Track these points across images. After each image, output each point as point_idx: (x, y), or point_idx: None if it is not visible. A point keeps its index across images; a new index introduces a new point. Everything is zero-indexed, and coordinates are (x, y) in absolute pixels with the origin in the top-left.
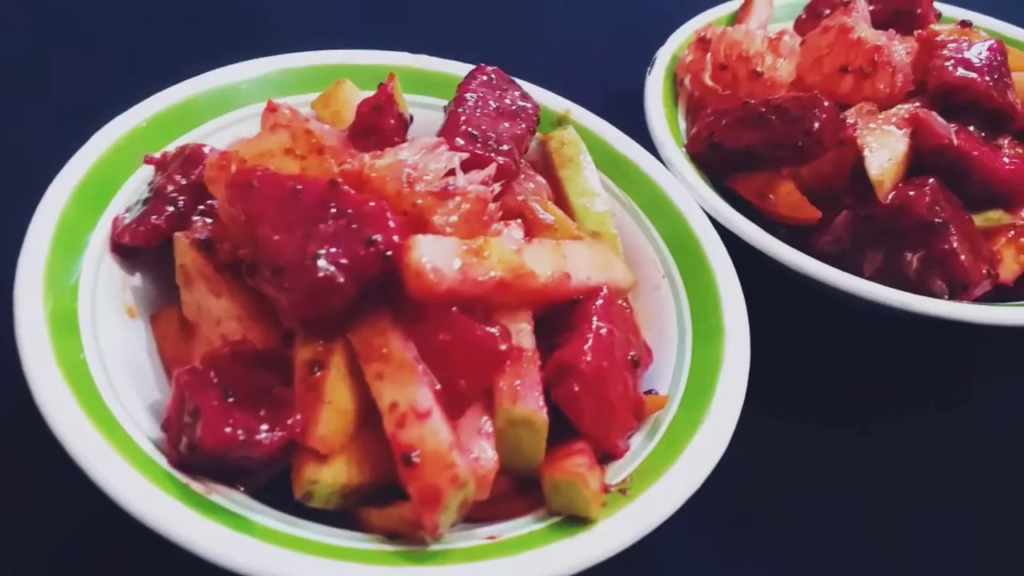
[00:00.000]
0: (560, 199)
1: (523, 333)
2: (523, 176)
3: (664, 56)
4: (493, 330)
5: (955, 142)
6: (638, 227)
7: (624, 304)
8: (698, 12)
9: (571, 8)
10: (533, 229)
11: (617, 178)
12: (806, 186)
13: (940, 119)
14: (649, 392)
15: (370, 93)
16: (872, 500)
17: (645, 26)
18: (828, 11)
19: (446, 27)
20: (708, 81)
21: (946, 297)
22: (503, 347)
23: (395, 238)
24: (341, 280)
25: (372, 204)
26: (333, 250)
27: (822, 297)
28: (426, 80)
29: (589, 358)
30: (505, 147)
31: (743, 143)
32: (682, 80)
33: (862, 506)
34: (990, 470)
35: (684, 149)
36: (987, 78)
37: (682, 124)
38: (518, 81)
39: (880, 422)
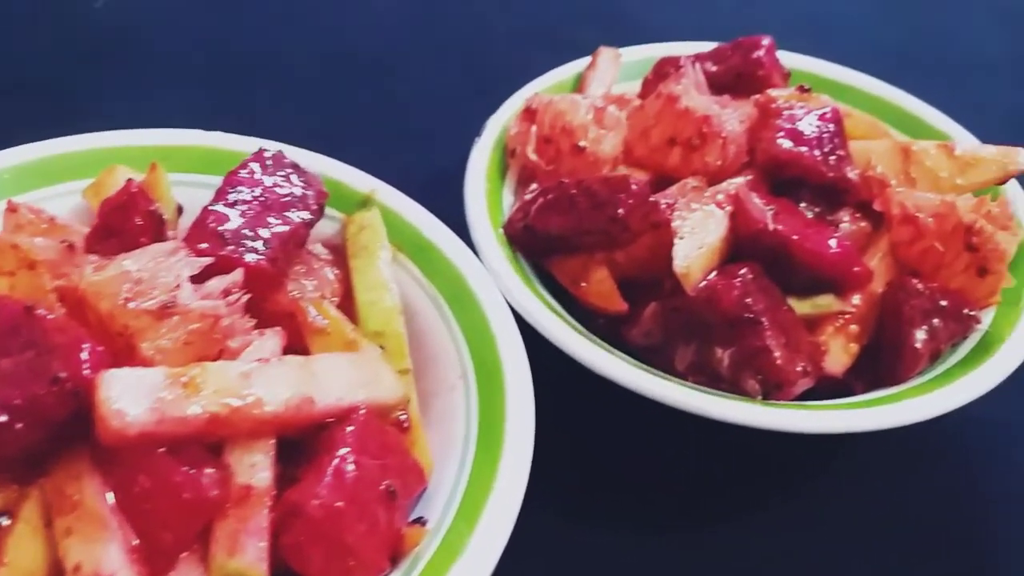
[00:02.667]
0: (349, 293)
1: (256, 468)
2: (304, 271)
3: (494, 125)
4: (203, 473)
5: (771, 227)
6: (441, 321)
7: (403, 417)
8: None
9: (420, 64)
10: (304, 335)
11: (423, 265)
12: (623, 272)
13: (757, 201)
14: (417, 520)
15: None
16: None
17: (505, 82)
18: (674, 71)
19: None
20: (532, 155)
21: (760, 397)
22: (213, 493)
23: (86, 372)
24: (18, 427)
25: (66, 333)
26: (7, 392)
27: (629, 396)
28: (209, 159)
29: (320, 499)
30: (262, 246)
31: (553, 228)
32: (512, 151)
33: None
34: None
35: (502, 230)
36: (817, 151)
37: (510, 199)
38: (319, 159)
39: (682, 529)
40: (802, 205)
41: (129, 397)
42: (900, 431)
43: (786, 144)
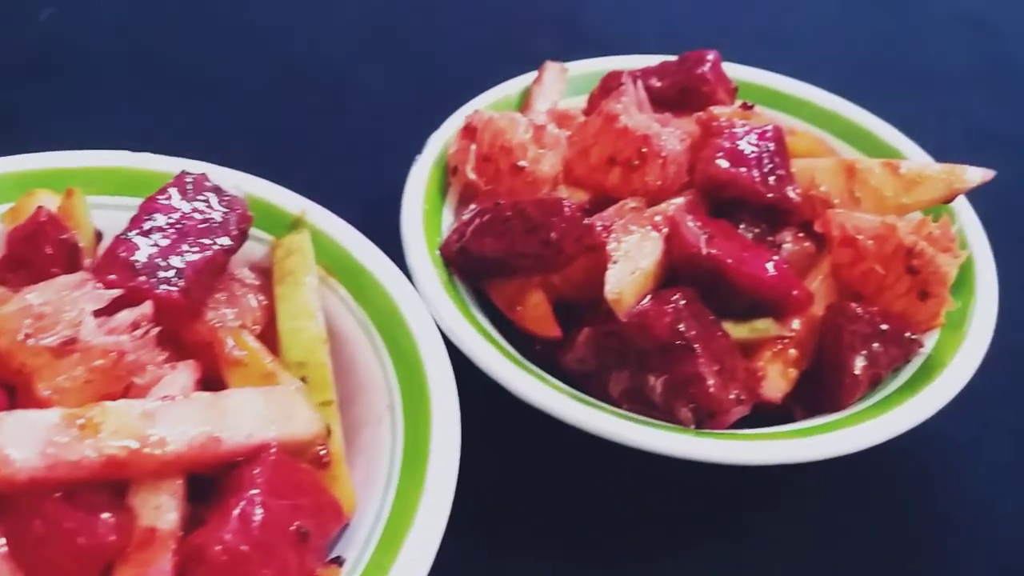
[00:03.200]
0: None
1: (161, 511)
2: (225, 298)
3: (436, 142)
4: (99, 518)
5: (704, 251)
6: (371, 350)
7: (323, 452)
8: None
9: (374, 77)
10: (222, 367)
11: (354, 290)
12: (561, 295)
13: (691, 224)
14: (335, 560)
15: None
16: None
17: (463, 96)
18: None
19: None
20: (471, 174)
21: (693, 426)
22: (111, 538)
23: None
24: None
25: None
26: None
27: (564, 424)
28: (132, 181)
29: (222, 545)
30: (175, 276)
31: (487, 251)
32: (454, 169)
33: None
34: None
35: (439, 252)
36: (756, 171)
37: (450, 219)
38: (249, 179)
39: (619, 558)
40: (742, 226)
41: (19, 442)
42: (840, 460)
43: (724, 164)
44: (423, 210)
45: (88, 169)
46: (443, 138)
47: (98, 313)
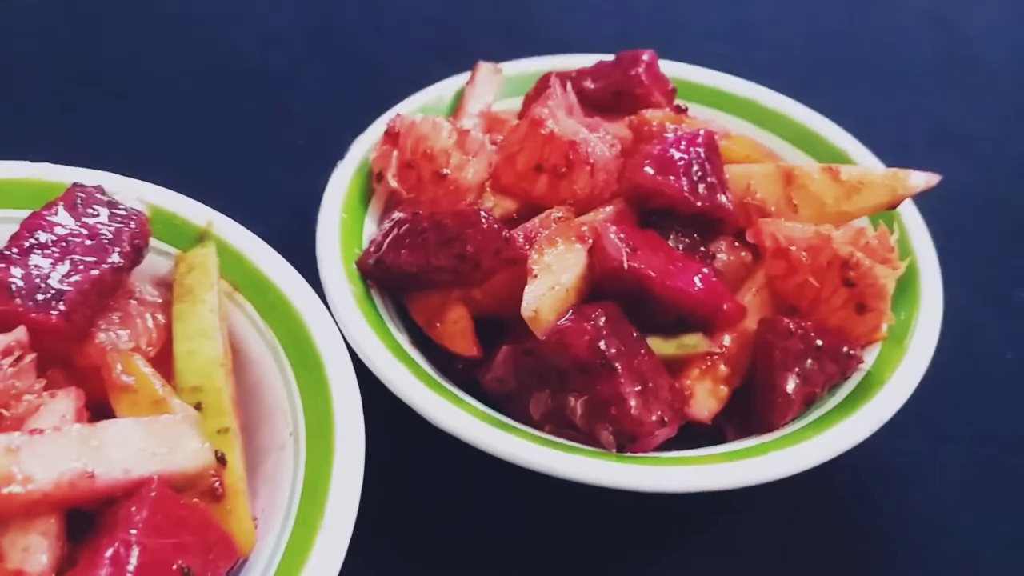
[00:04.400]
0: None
1: (30, 552)
2: (118, 318)
3: (360, 147)
4: None
5: (626, 265)
6: (278, 372)
7: (217, 484)
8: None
9: (324, 70)
10: (110, 393)
11: (261, 308)
12: (484, 311)
13: (612, 236)
14: None
15: None
16: None
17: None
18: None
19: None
20: (392, 181)
21: (614, 450)
22: None
23: None
24: None
25: None
26: None
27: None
28: (35, 193)
29: None
30: (56, 298)
31: (404, 264)
32: (378, 175)
33: None
34: None
35: (354, 265)
36: (684, 179)
37: (371, 229)
38: (154, 189)
39: None
40: (672, 237)
41: None
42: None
43: (650, 172)
44: (340, 219)
45: None
46: (368, 143)
47: None
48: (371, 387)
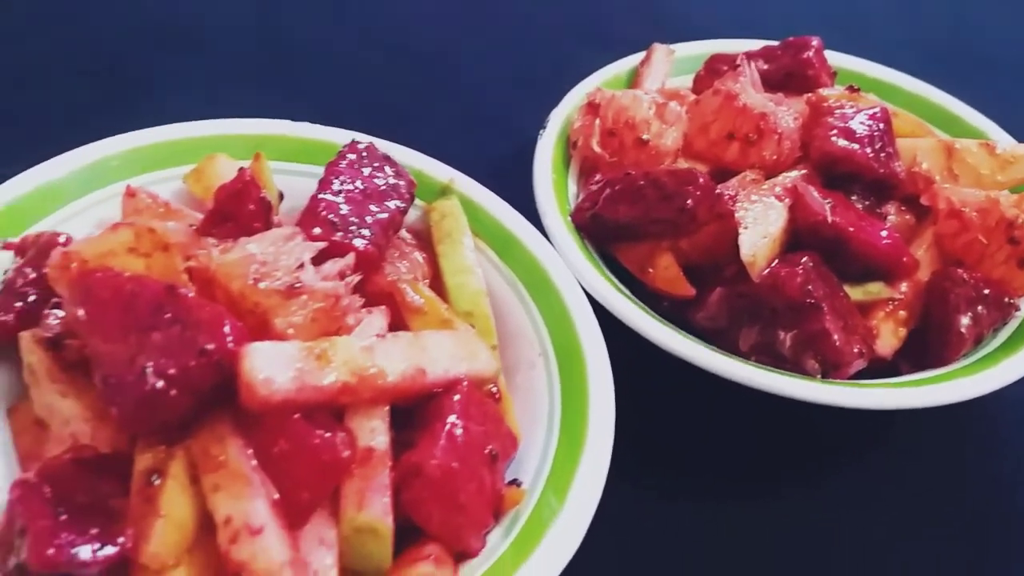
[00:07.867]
0: (436, 275)
1: (376, 432)
2: (397, 254)
3: (557, 118)
4: (337, 436)
5: (829, 219)
6: (519, 303)
7: (495, 389)
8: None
9: (472, 57)
10: (402, 313)
11: (500, 251)
12: (687, 259)
13: (815, 194)
14: (513, 482)
15: (246, 163)
16: None
17: (553, 75)
18: (725, 68)
19: (333, 89)
20: (596, 148)
21: (819, 376)
22: (345, 454)
23: (230, 345)
24: (172, 393)
25: (208, 309)
26: (163, 361)
27: (695, 374)
28: (304, 149)
29: (437, 460)
30: (367, 232)
31: (621, 216)
32: (575, 143)
33: None
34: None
35: (569, 218)
36: (868, 148)
37: (573, 189)
38: (400, 149)
39: (749, 501)
40: (853, 198)
41: (273, 367)
42: (945, 414)
43: (840, 141)
44: (552, 180)
45: (260, 136)
46: (563, 114)
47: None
48: None
